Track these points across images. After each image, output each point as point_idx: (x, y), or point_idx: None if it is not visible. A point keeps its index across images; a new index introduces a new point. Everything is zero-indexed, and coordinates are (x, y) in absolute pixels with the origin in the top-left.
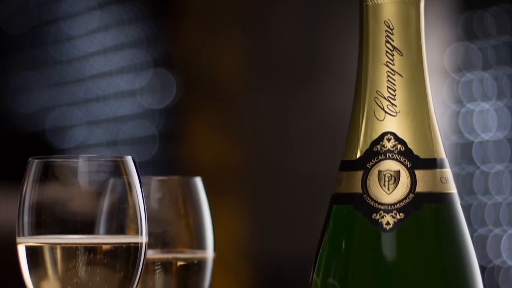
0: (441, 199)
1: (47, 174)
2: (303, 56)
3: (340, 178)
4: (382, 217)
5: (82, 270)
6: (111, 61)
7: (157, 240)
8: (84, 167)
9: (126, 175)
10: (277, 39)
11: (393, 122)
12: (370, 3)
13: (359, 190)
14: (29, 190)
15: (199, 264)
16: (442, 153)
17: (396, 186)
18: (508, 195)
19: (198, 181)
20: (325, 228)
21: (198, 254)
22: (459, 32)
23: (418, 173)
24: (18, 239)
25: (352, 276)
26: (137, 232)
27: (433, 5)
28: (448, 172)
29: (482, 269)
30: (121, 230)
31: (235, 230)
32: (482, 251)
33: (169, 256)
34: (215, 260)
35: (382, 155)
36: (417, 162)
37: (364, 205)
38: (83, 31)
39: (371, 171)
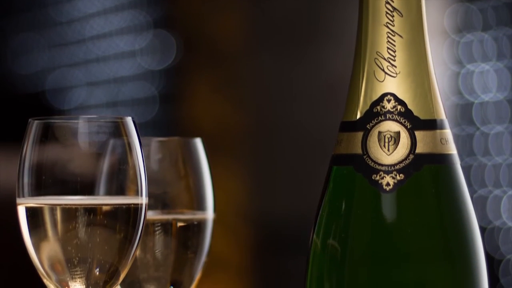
0: (441, 160)
1: (47, 135)
2: (303, 17)
3: (340, 139)
4: (382, 178)
5: (82, 231)
6: (111, 22)
7: (157, 201)
8: (84, 128)
9: (126, 136)
10: (277, 0)
11: (393, 83)
12: None
13: (359, 151)
14: (29, 151)
15: (199, 225)
16: (442, 114)
17: (396, 147)
18: (508, 156)
19: (198, 142)
20: (325, 189)
21: (198, 215)
22: None
23: (418, 134)
24: (18, 200)
25: (352, 237)
26: (137, 193)
27: None
28: (448, 133)
29: (482, 230)
30: (121, 191)
31: (235, 191)
32: (482, 212)
33: (169, 217)
34: (215, 221)
35: (382, 116)
36: (417, 123)
37: (364, 166)
38: None
39: (371, 132)
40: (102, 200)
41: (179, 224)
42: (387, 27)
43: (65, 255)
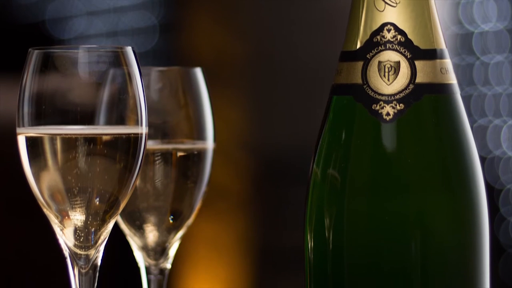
0: (441, 90)
1: (47, 65)
2: None
3: (340, 69)
4: (382, 107)
5: (82, 161)
6: None
7: (157, 130)
8: (84, 57)
9: (126, 65)
10: None
11: (393, 13)
12: None
13: (359, 80)
14: (29, 81)
15: (199, 155)
16: (442, 44)
17: (396, 77)
18: (508, 86)
19: (198, 72)
20: (325, 119)
21: (198, 145)
22: None
23: (418, 63)
24: (18, 130)
25: (351, 166)
26: (137, 122)
27: None
28: (448, 62)
29: (482, 159)
30: (121, 121)
31: (236, 121)
32: (482, 142)
33: (169, 146)
34: (215, 151)
35: (382, 46)
36: (417, 53)
37: (364, 96)
38: None
39: (371, 62)
40: (102, 129)
41: (179, 153)
42: None
43: (65, 184)
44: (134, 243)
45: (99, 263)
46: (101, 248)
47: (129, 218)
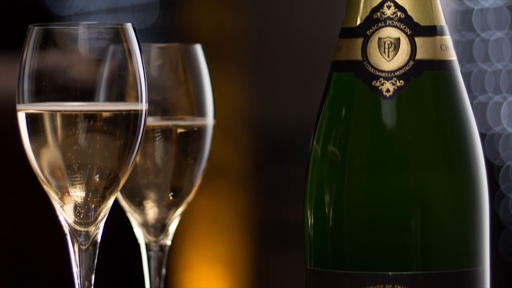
0: (441, 66)
1: (47, 41)
2: None
3: (340, 46)
4: (382, 84)
5: (82, 137)
6: None
7: (157, 107)
8: (84, 34)
9: (126, 42)
10: None
11: None
12: None
13: (359, 57)
14: (29, 57)
15: (199, 131)
16: (442, 20)
17: (396, 53)
18: (508, 62)
19: (198, 48)
20: (325, 96)
21: (198, 121)
22: None
23: (418, 40)
24: (18, 106)
25: (351, 143)
26: (137, 99)
27: None
28: (448, 39)
29: (482, 136)
30: (121, 97)
31: (235, 98)
32: (482, 118)
33: (169, 123)
34: (215, 127)
35: (382, 22)
36: (417, 29)
37: (364, 72)
38: None
39: (371, 38)
40: (102, 106)
41: (179, 130)
42: None
43: (65, 161)
44: (134, 219)
45: (99, 240)
46: (101, 225)
47: (129, 195)
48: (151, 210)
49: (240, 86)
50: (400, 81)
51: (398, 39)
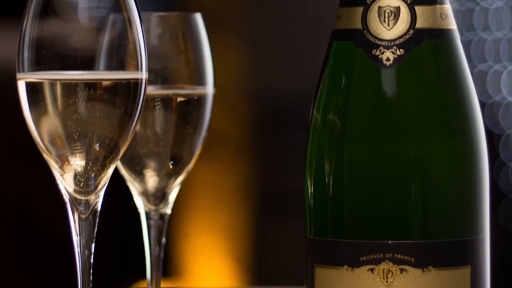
0: (441, 35)
1: (47, 10)
2: None
3: (340, 14)
4: (382, 53)
5: (82, 106)
6: None
7: (157, 76)
8: (84, 2)
9: (126, 11)
10: None
11: None
12: None
13: (359, 26)
14: (29, 26)
15: (199, 100)
16: None
17: (396, 22)
18: (508, 31)
19: (198, 17)
20: (325, 65)
21: (198, 90)
22: None
23: (418, 9)
24: (18, 75)
25: (351, 112)
26: (137, 68)
27: None
28: (448, 8)
29: (482, 105)
30: (121, 66)
31: (236, 66)
32: (482, 87)
33: (169, 92)
34: (215, 96)
35: None
36: None
37: (364, 41)
38: None
39: (371, 7)
40: (102, 75)
41: (179, 99)
42: None
43: (65, 130)
44: (134, 188)
45: (99, 209)
46: (101, 194)
47: (129, 164)
48: (151, 179)
49: (240, 55)
50: (400, 50)
51: (398, 8)
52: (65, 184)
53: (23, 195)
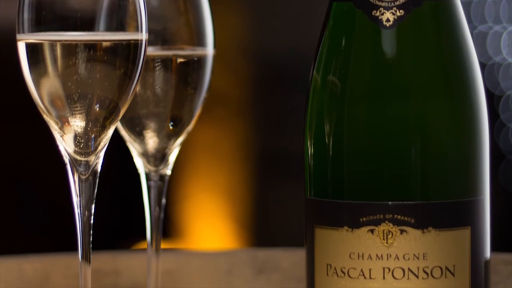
0: None
1: None
2: None
3: None
4: (382, 14)
5: (82, 67)
6: None
7: (157, 37)
8: None
9: None
10: None
11: None
12: None
13: None
14: None
15: (199, 61)
16: None
17: None
18: None
19: None
20: (324, 26)
21: (198, 51)
22: None
23: None
24: (18, 36)
25: (351, 73)
26: (137, 29)
27: None
28: None
29: (482, 66)
30: (121, 27)
31: (236, 27)
32: (482, 48)
33: (169, 53)
34: (215, 57)
35: None
36: None
37: (364, 2)
38: None
39: None
40: (102, 36)
41: (179, 60)
42: None
43: (65, 91)
44: (134, 149)
45: (99, 170)
46: (101, 155)
47: (129, 125)
48: (151, 140)
49: (241, 15)
50: (400, 11)
51: None
52: (65, 145)
53: (23, 156)
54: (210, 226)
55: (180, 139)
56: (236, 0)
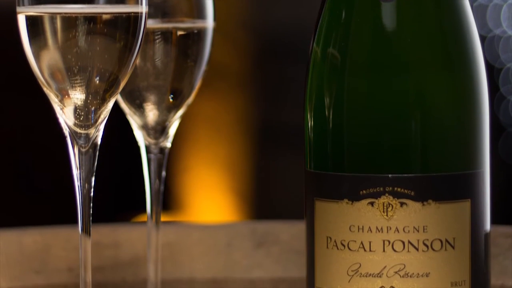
0: None
1: None
2: None
3: None
4: None
5: (82, 40)
6: None
7: (157, 9)
8: None
9: None
10: None
11: None
12: None
13: None
14: None
15: (199, 34)
16: None
17: None
18: None
19: None
20: None
21: (198, 24)
22: None
23: None
24: (18, 9)
25: (351, 45)
26: (137, 1)
27: None
28: None
29: (482, 38)
30: (121, 0)
31: (236, 0)
32: (482, 21)
33: (169, 25)
34: (215, 30)
35: None
36: None
37: None
38: None
39: None
40: (102, 8)
41: (179, 32)
42: None
43: (65, 63)
44: (134, 122)
45: (99, 142)
46: (101, 127)
47: (129, 97)
48: (151, 113)
49: None
50: None
51: None
52: (65, 117)
53: (23, 128)
54: (210, 198)
55: (180, 112)
56: None
